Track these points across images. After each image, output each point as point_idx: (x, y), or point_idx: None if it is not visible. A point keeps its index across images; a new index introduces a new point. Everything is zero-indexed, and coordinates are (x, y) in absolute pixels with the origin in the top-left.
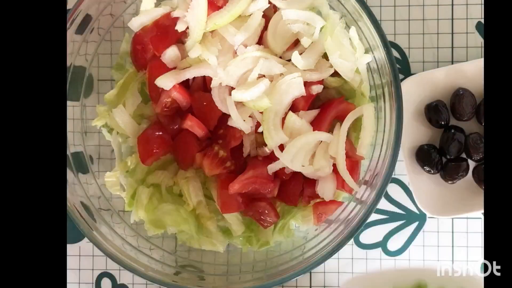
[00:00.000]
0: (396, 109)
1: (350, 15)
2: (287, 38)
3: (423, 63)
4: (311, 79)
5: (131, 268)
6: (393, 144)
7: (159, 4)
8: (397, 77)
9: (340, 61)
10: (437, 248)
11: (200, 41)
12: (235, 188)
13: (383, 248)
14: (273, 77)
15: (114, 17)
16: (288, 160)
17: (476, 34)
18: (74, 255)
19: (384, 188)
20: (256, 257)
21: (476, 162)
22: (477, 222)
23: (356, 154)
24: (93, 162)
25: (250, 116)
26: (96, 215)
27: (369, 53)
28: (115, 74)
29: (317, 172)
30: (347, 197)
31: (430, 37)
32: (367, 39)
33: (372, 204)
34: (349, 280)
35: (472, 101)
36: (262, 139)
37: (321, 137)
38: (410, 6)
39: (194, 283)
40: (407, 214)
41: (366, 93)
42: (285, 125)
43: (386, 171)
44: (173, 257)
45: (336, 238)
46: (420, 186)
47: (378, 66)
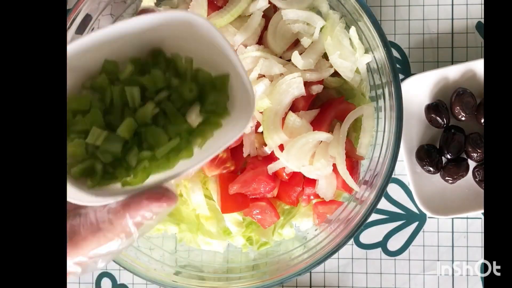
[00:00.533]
0: (396, 109)
1: (350, 15)
2: (287, 38)
3: (423, 63)
4: (311, 79)
5: (131, 268)
6: (393, 144)
7: (159, 4)
8: (397, 77)
9: (340, 61)
10: (437, 248)
11: None
12: (235, 188)
13: (383, 248)
14: (273, 77)
15: (114, 17)
16: (288, 160)
17: (476, 34)
18: None
19: (384, 188)
20: (256, 257)
21: (476, 162)
22: (477, 222)
23: (356, 154)
24: None
25: None
26: None
27: (369, 53)
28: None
29: (317, 172)
30: (347, 197)
31: (430, 37)
32: (367, 39)
33: (372, 204)
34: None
35: (472, 101)
36: (262, 139)
37: (321, 137)
38: (410, 6)
39: (194, 283)
40: (407, 214)
41: (366, 93)
42: (285, 125)
43: (386, 171)
44: (173, 257)
45: (336, 238)
46: (420, 186)
47: (378, 66)
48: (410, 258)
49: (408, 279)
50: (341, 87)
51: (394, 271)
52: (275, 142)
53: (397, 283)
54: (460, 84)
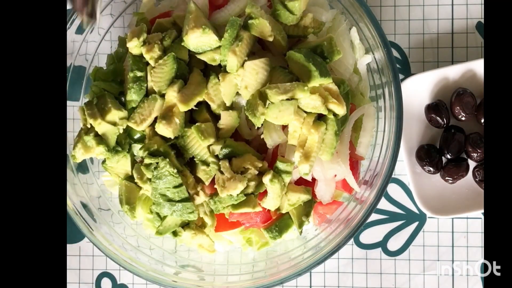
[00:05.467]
0: (396, 109)
1: (351, 16)
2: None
3: (423, 63)
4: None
5: (131, 268)
6: (393, 144)
7: (159, 4)
8: (397, 77)
9: (340, 62)
10: (437, 248)
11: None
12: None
13: (383, 248)
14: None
15: (114, 17)
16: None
17: (476, 34)
18: (74, 255)
19: (384, 188)
20: (256, 257)
21: (476, 162)
22: (477, 222)
23: (356, 154)
24: (93, 162)
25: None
26: (96, 215)
27: (369, 53)
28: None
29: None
30: (347, 197)
31: (430, 37)
32: (367, 39)
33: (372, 204)
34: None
35: (472, 101)
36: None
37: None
38: (410, 6)
39: (194, 283)
40: (407, 214)
41: (366, 93)
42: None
43: (386, 171)
44: (173, 257)
45: (336, 238)
46: (420, 186)
47: (378, 66)
48: (410, 258)
49: (408, 279)
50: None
51: (394, 271)
52: (275, 141)
53: (397, 283)
54: (460, 84)
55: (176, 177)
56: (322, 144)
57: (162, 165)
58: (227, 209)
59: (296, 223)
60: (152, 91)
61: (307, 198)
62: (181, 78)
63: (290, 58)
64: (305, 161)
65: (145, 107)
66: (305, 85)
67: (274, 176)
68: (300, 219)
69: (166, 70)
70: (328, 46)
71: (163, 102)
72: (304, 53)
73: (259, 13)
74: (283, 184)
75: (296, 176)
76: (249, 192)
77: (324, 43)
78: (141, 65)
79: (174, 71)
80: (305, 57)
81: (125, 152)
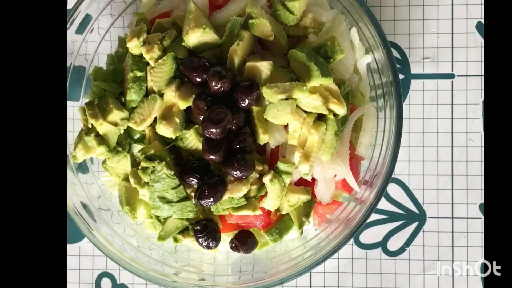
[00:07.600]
0: (396, 109)
1: (351, 16)
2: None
3: (423, 63)
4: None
5: (131, 268)
6: (393, 144)
7: (159, 4)
8: (397, 77)
9: (340, 62)
10: (437, 248)
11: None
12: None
13: (383, 248)
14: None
15: (114, 17)
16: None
17: (476, 34)
18: (74, 255)
19: (384, 188)
20: (256, 257)
21: None
22: (477, 222)
23: (356, 154)
24: (93, 162)
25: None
26: (96, 215)
27: (369, 53)
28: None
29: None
30: (347, 197)
31: (430, 37)
32: (367, 39)
33: (372, 204)
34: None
35: None
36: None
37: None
38: (410, 6)
39: (194, 283)
40: (407, 214)
41: (366, 93)
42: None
43: (386, 171)
44: (173, 257)
45: (336, 238)
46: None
47: (378, 66)
48: (410, 258)
49: (408, 279)
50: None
51: (394, 271)
52: (277, 141)
53: (397, 283)
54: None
55: (173, 178)
56: (322, 144)
57: (158, 168)
58: (227, 210)
59: (296, 224)
60: (151, 91)
61: (307, 198)
62: (179, 78)
63: (292, 57)
64: (305, 161)
65: (145, 107)
66: (304, 85)
67: (274, 176)
68: (300, 219)
69: (166, 70)
70: (332, 45)
71: (163, 102)
72: (306, 52)
73: (259, 13)
74: (283, 184)
75: (296, 177)
76: (251, 195)
77: (327, 42)
78: (141, 65)
79: (173, 71)
80: (307, 56)
81: (126, 152)
